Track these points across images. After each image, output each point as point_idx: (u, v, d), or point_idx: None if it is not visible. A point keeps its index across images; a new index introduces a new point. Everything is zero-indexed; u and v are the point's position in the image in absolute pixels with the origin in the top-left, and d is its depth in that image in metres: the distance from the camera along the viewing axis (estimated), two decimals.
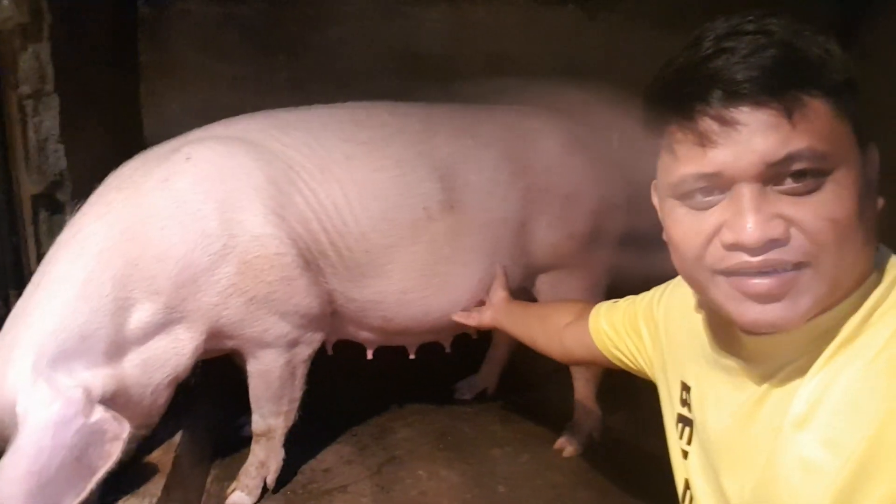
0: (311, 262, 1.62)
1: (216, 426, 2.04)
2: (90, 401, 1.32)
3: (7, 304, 1.70)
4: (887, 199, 0.74)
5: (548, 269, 1.94)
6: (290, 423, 1.78)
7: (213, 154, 1.57)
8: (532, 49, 2.55)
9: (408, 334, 1.88)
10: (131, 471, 1.51)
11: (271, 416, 1.74)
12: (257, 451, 1.77)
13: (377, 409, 2.25)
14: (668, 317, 1.01)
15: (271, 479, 1.78)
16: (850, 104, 0.69)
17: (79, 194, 1.60)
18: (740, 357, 0.80)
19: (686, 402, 0.92)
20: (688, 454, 0.91)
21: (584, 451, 2.04)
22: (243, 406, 1.78)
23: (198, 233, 1.49)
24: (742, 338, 0.79)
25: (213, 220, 1.50)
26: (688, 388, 0.91)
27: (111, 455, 1.33)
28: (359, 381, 2.16)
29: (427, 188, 1.72)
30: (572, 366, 1.97)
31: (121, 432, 1.35)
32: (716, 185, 0.71)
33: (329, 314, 1.72)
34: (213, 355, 1.70)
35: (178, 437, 1.68)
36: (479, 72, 2.53)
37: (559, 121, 1.96)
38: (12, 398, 1.27)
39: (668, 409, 0.98)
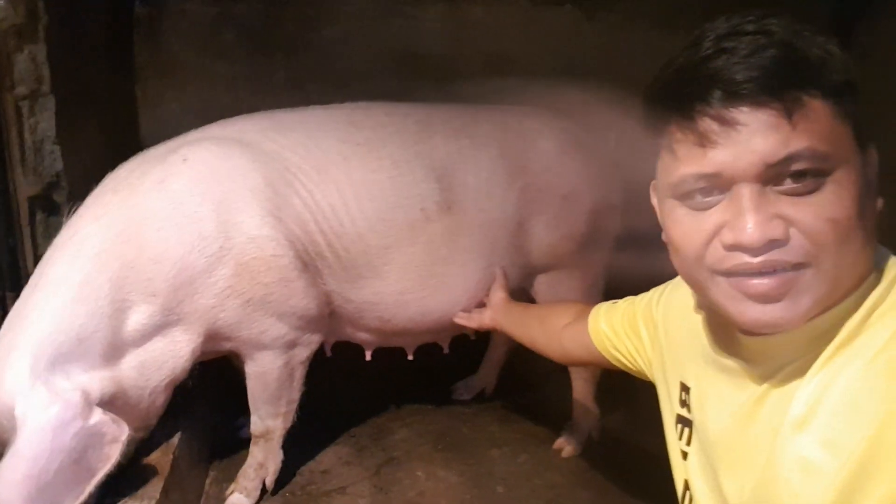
0: (308, 263, 1.62)
1: (214, 428, 2.04)
2: (88, 403, 1.32)
3: (4, 306, 1.70)
4: (887, 199, 0.74)
5: (546, 270, 1.93)
6: (289, 424, 1.78)
7: (210, 155, 1.56)
8: (530, 49, 2.55)
9: (406, 335, 1.87)
10: (130, 473, 1.51)
11: (269, 417, 1.74)
12: (256, 453, 1.77)
13: (375, 410, 2.25)
14: (667, 317, 1.01)
15: (270, 481, 1.79)
16: (849, 105, 0.69)
17: (75, 196, 1.60)
18: (740, 357, 0.80)
19: (685, 403, 0.92)
20: (687, 455, 0.91)
21: (582, 451, 2.04)
22: (241, 407, 1.78)
23: (194, 235, 1.49)
24: (741, 338, 0.79)
25: (209, 222, 1.50)
26: (687, 388, 0.91)
27: (110, 457, 1.33)
28: (357, 381, 2.16)
29: (424, 189, 1.72)
30: (571, 366, 1.97)
31: (119, 434, 1.34)
32: (715, 186, 0.71)
33: (327, 315, 1.72)
34: (211, 357, 1.70)
35: (176, 439, 1.68)
36: (478, 72, 2.53)
37: (557, 121, 1.96)
38: (10, 401, 1.27)
39: (668, 410, 0.97)
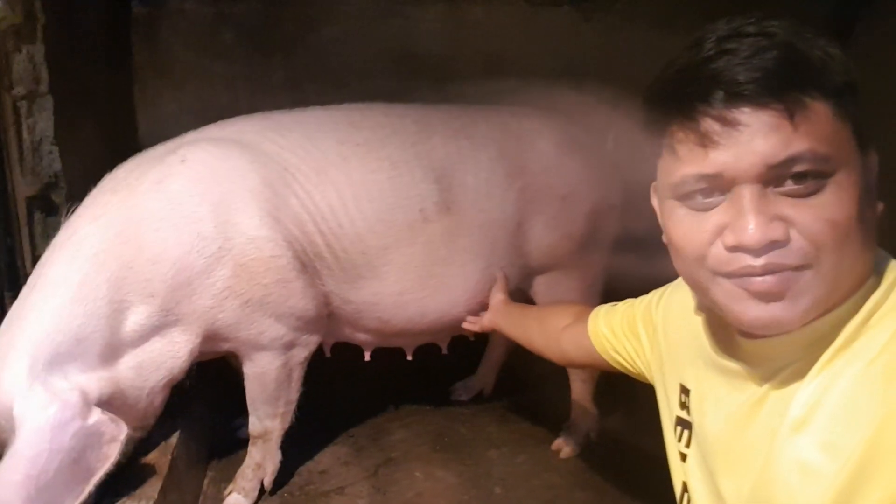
0: (306, 264, 1.62)
1: (213, 428, 2.04)
2: (87, 403, 1.32)
3: (2, 306, 1.69)
4: (887, 201, 0.74)
5: (544, 271, 1.93)
6: (287, 424, 1.77)
7: (209, 156, 1.56)
8: (529, 50, 2.55)
9: (405, 336, 1.87)
10: (128, 473, 1.51)
11: (268, 418, 1.74)
12: (254, 453, 1.77)
13: (374, 411, 2.24)
14: (666, 320, 1.01)
15: (268, 481, 1.78)
16: (850, 107, 0.69)
17: (73, 196, 1.60)
18: (739, 359, 0.80)
19: (685, 405, 0.91)
20: (686, 457, 0.91)
21: (581, 451, 2.04)
22: (240, 408, 1.78)
23: (193, 235, 1.49)
24: (741, 340, 0.79)
25: (208, 223, 1.50)
26: (687, 390, 0.91)
27: (109, 457, 1.33)
28: (355, 382, 2.16)
29: (423, 189, 1.72)
30: (570, 367, 1.97)
31: (118, 434, 1.35)
32: (716, 187, 0.71)
33: (325, 316, 1.72)
34: (210, 357, 1.70)
35: (174, 439, 1.68)
36: (476, 72, 2.53)
37: (556, 121, 1.96)
38: (9, 402, 1.27)
39: (667, 413, 0.97)
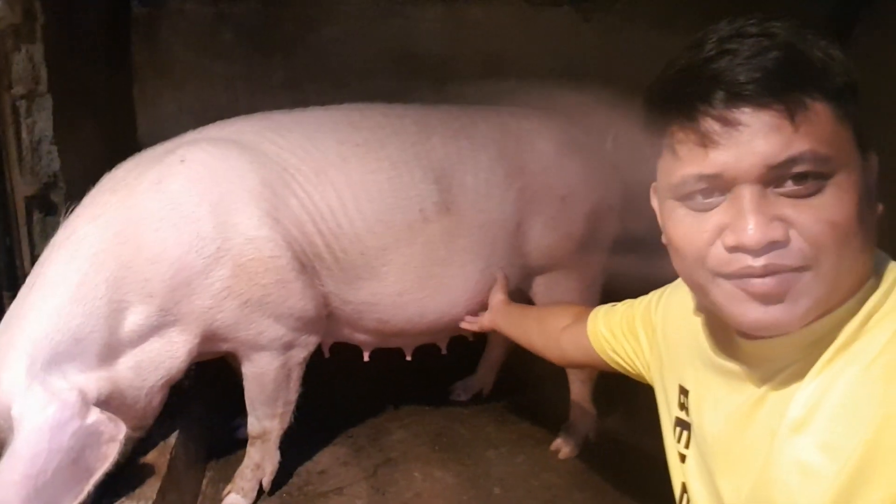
0: (306, 264, 1.61)
1: (211, 428, 2.04)
2: (85, 403, 1.32)
3: (1, 306, 1.69)
4: (887, 200, 0.73)
5: (544, 271, 1.93)
6: (286, 425, 1.77)
7: (208, 156, 1.56)
8: (528, 50, 2.55)
9: (404, 336, 1.87)
10: (126, 473, 1.50)
11: (266, 418, 1.74)
12: (253, 454, 1.77)
13: (373, 411, 2.24)
14: (666, 320, 1.01)
15: (267, 481, 1.78)
16: (851, 108, 0.69)
17: (72, 196, 1.60)
18: (738, 360, 0.80)
19: (684, 406, 0.91)
20: (685, 458, 0.91)
21: (580, 452, 2.04)
22: (239, 408, 1.78)
23: (192, 235, 1.48)
24: (740, 341, 0.78)
25: (207, 223, 1.49)
26: (686, 391, 0.91)
27: (108, 456, 1.33)
28: (355, 382, 2.16)
29: (423, 190, 1.72)
30: (569, 368, 1.97)
31: (117, 434, 1.34)
32: (716, 187, 0.71)
33: (324, 317, 1.71)
34: (208, 358, 1.70)
35: (173, 439, 1.68)
36: (476, 72, 2.53)
37: (555, 122, 1.96)
38: (7, 402, 1.27)
39: (666, 414, 0.97)
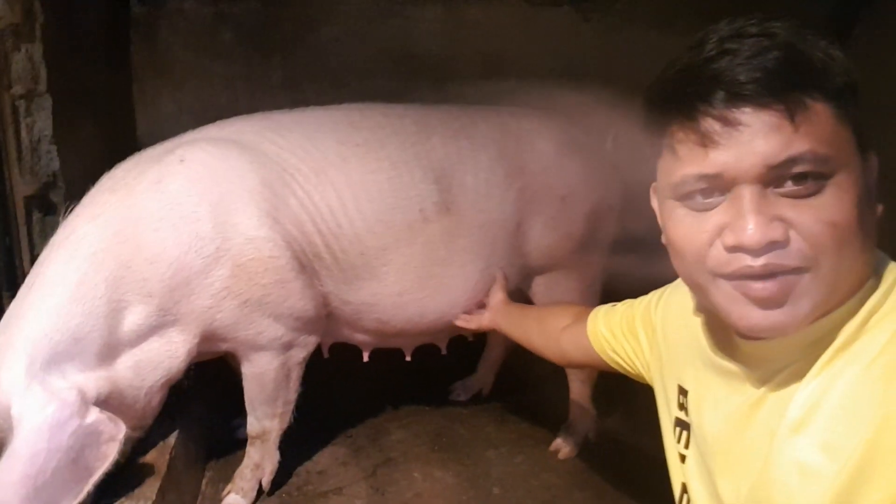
0: (305, 264, 1.61)
1: (211, 428, 2.04)
2: (85, 402, 1.32)
3: (1, 305, 1.69)
4: (887, 200, 0.73)
5: (543, 271, 1.93)
6: (285, 425, 1.77)
7: (207, 156, 1.56)
8: (528, 50, 2.55)
9: (404, 336, 1.87)
10: (126, 473, 1.50)
11: (266, 418, 1.74)
12: (252, 454, 1.77)
13: (372, 411, 2.24)
14: (665, 320, 1.01)
15: (266, 481, 1.78)
16: (851, 108, 0.69)
17: (72, 195, 1.59)
18: (738, 360, 0.80)
19: (683, 406, 0.92)
20: (685, 458, 0.91)
21: (579, 452, 2.04)
22: (238, 408, 1.78)
23: (191, 235, 1.48)
24: (739, 342, 0.79)
25: (206, 223, 1.49)
26: (685, 391, 0.91)
27: (108, 456, 1.33)
28: (354, 382, 2.16)
29: (423, 190, 1.72)
30: (569, 368, 1.97)
31: (117, 433, 1.34)
32: (716, 187, 0.71)
33: (324, 317, 1.71)
34: (208, 357, 1.70)
35: (172, 439, 1.67)
36: (475, 72, 2.53)
37: (555, 122, 1.96)
38: (7, 401, 1.27)
39: (665, 414, 0.97)
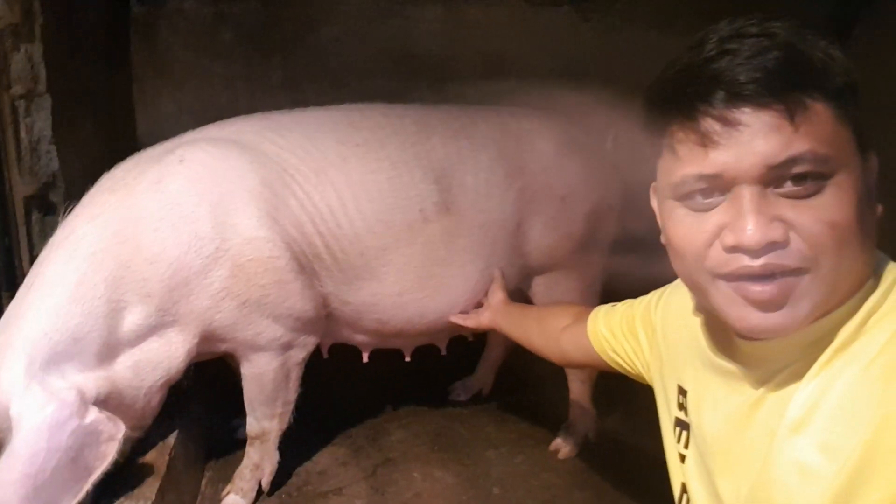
0: (305, 265, 1.61)
1: (211, 428, 2.04)
2: (84, 402, 1.32)
3: (0, 305, 1.69)
4: (887, 200, 0.73)
5: (543, 271, 1.93)
6: (285, 425, 1.77)
7: (207, 156, 1.56)
8: (528, 50, 2.55)
9: (403, 337, 1.87)
10: (125, 473, 1.50)
11: (265, 418, 1.74)
12: (252, 454, 1.77)
13: (372, 411, 2.24)
14: (665, 320, 1.01)
15: (266, 482, 1.78)
16: (851, 108, 0.69)
17: (71, 195, 1.59)
18: (737, 361, 0.80)
19: (683, 406, 0.92)
20: (685, 458, 0.91)
21: (579, 452, 2.04)
22: (238, 408, 1.78)
23: (190, 235, 1.48)
24: (739, 342, 0.79)
25: (205, 223, 1.49)
26: (685, 391, 0.91)
27: (107, 455, 1.33)
28: (353, 382, 2.16)
29: (423, 190, 1.72)
30: (568, 368, 1.97)
31: (116, 432, 1.34)
32: (716, 187, 0.71)
33: (323, 317, 1.71)
34: (207, 358, 1.69)
35: (172, 439, 1.67)
36: (475, 72, 2.53)
37: (555, 122, 1.96)
38: (6, 401, 1.27)
39: (665, 414, 0.97)
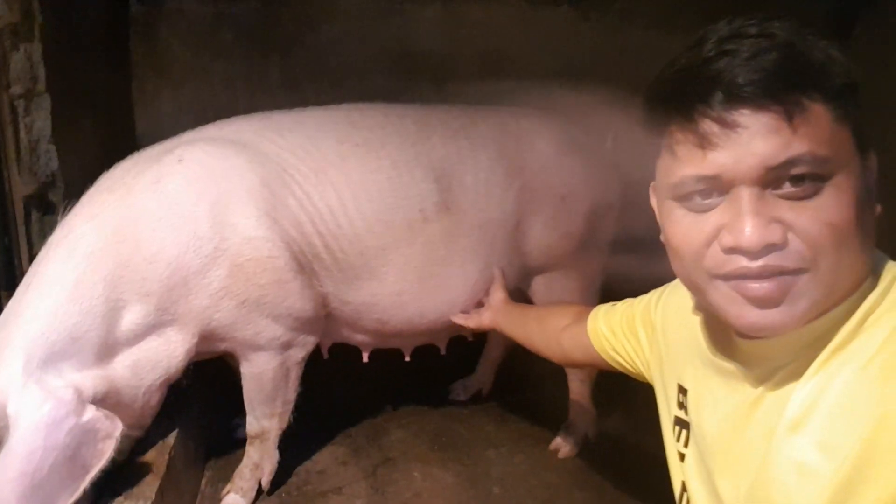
0: (304, 264, 1.61)
1: (210, 428, 2.04)
2: (81, 400, 1.32)
3: None
4: (887, 201, 0.73)
5: (543, 270, 1.93)
6: (285, 424, 1.77)
7: (206, 156, 1.55)
8: (527, 49, 2.54)
9: (403, 336, 1.87)
10: (125, 472, 1.50)
11: (265, 417, 1.74)
12: (251, 453, 1.77)
13: (372, 411, 2.24)
14: (665, 320, 1.01)
15: (266, 481, 1.78)
16: (850, 109, 0.69)
17: (71, 195, 1.59)
18: (736, 360, 0.80)
19: (683, 405, 0.92)
20: (685, 457, 0.91)
21: (579, 451, 2.04)
22: (238, 408, 1.78)
23: (189, 235, 1.48)
24: (738, 341, 0.79)
25: (204, 223, 1.49)
26: (684, 390, 0.91)
27: (104, 453, 1.32)
28: (353, 382, 2.16)
29: (423, 189, 1.72)
30: (569, 367, 1.97)
31: (113, 430, 1.34)
32: (715, 188, 0.70)
33: (323, 317, 1.71)
34: (207, 357, 1.69)
35: (172, 439, 1.67)
36: (475, 72, 2.53)
37: (555, 121, 1.96)
38: (3, 400, 1.27)
39: (665, 413, 0.98)
